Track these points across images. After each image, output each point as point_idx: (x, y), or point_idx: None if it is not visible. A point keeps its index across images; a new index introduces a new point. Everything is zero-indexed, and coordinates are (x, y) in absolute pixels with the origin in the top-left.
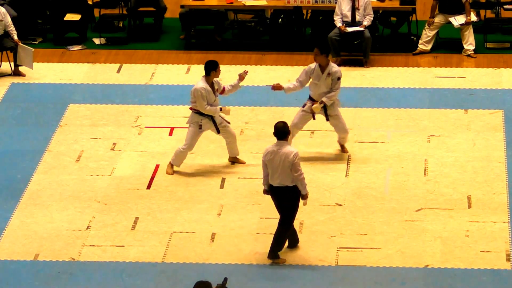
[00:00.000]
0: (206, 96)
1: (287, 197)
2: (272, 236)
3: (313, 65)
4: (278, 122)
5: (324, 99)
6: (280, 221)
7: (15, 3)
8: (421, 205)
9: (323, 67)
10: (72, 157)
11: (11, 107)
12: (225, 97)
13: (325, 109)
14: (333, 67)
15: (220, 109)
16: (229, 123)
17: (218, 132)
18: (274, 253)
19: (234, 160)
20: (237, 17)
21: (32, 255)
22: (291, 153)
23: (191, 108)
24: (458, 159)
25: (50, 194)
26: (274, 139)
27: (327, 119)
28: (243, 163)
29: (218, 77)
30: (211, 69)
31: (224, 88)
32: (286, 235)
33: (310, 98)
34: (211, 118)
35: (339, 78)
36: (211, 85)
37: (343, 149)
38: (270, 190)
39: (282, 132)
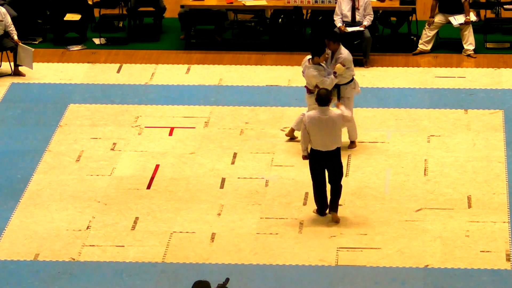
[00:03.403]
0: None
1: (337, 159)
2: (272, 235)
3: (328, 52)
4: (321, 89)
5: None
6: (337, 179)
7: (15, 3)
8: (421, 205)
9: (333, 53)
10: (72, 157)
11: (11, 107)
12: (224, 97)
13: (338, 90)
14: (341, 52)
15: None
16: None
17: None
18: (337, 205)
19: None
20: (237, 17)
21: (32, 255)
22: (337, 116)
23: None
24: (458, 159)
25: (50, 194)
26: (274, 139)
27: (338, 99)
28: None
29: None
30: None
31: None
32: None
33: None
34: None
35: (341, 63)
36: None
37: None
38: (315, 155)
39: (325, 99)
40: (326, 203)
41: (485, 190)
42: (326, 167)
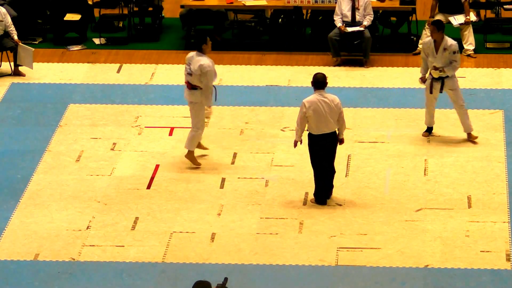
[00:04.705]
0: None
1: (335, 142)
2: (272, 235)
3: (427, 39)
4: (318, 73)
5: (446, 69)
6: (332, 165)
7: (15, 3)
8: (421, 205)
9: (438, 43)
10: (72, 157)
11: (11, 107)
12: (224, 97)
13: (442, 82)
14: (448, 41)
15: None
16: None
17: None
18: (330, 192)
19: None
20: (237, 17)
21: (32, 255)
22: (336, 98)
23: None
24: (458, 159)
25: (50, 194)
26: (274, 139)
27: (441, 91)
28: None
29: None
30: None
31: None
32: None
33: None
34: None
35: (455, 52)
36: None
37: (469, 137)
38: (315, 140)
39: (322, 82)
40: (327, 191)
41: (485, 190)
42: (324, 151)
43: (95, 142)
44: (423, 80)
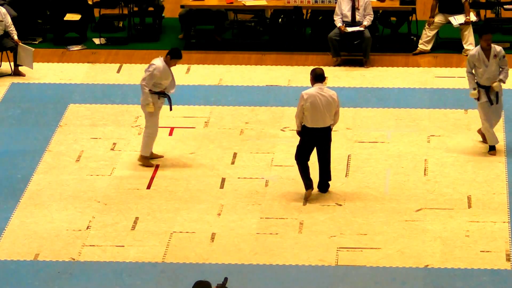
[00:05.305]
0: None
1: (329, 136)
2: (272, 235)
3: (473, 51)
4: (316, 68)
5: (501, 77)
6: (327, 159)
7: (15, 3)
8: (421, 205)
9: (487, 51)
10: (72, 157)
11: (11, 107)
12: (224, 97)
13: (487, 89)
14: (495, 47)
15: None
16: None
17: None
18: (327, 185)
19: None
20: (237, 17)
21: (32, 255)
22: (335, 94)
23: None
24: (458, 159)
25: (50, 194)
26: (274, 139)
27: (497, 102)
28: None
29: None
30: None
31: None
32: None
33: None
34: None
35: (504, 56)
36: None
37: (484, 138)
38: (308, 132)
39: (321, 75)
40: (310, 177)
41: (485, 190)
42: (316, 144)
43: (95, 142)
44: (478, 92)
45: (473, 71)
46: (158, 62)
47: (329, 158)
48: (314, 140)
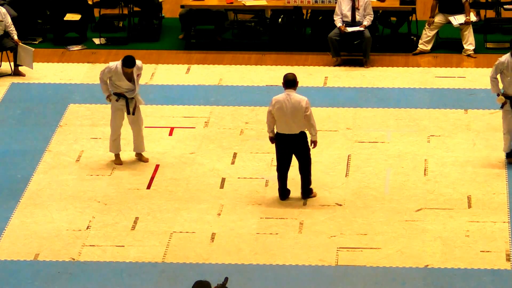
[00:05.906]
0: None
1: (301, 143)
2: (272, 235)
3: (503, 58)
4: (288, 73)
5: None
6: (304, 165)
7: (15, 3)
8: (421, 205)
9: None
10: (72, 157)
11: (11, 107)
12: (224, 97)
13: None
14: None
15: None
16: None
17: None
18: (308, 191)
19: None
20: (237, 17)
21: (32, 255)
22: (303, 100)
23: None
24: (458, 159)
25: (50, 194)
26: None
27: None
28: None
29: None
30: None
31: None
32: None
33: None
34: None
35: None
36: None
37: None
38: (279, 138)
39: (292, 81)
40: (287, 189)
41: (485, 190)
42: (293, 152)
43: (95, 142)
44: (503, 96)
45: (498, 77)
46: (114, 64)
47: (309, 165)
48: (287, 147)
